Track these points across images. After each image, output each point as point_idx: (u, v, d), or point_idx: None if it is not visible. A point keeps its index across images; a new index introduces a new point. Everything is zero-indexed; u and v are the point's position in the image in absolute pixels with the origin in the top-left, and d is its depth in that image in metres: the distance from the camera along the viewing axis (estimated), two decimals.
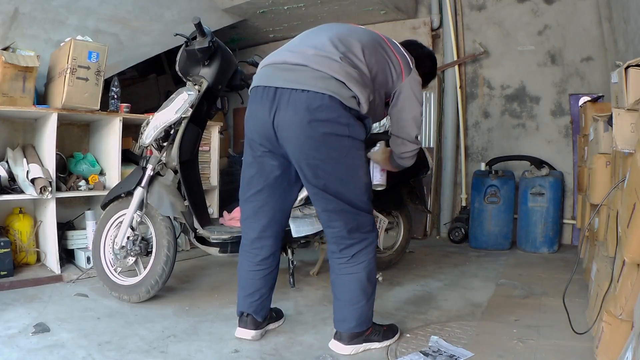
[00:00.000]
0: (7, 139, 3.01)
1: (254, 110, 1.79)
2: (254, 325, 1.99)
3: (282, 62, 1.76)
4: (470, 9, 4.30)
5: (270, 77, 1.75)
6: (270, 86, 1.72)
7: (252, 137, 1.83)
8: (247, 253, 1.97)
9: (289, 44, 1.88)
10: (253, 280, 1.96)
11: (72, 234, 3.06)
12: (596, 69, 3.82)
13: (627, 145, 1.82)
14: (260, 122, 1.75)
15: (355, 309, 1.84)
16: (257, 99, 1.77)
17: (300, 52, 1.75)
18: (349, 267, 1.82)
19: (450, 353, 1.84)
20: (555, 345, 1.90)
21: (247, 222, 1.96)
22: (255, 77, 1.83)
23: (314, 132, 1.67)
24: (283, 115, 1.69)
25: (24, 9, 3.06)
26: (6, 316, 2.17)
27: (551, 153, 4.01)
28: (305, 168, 1.74)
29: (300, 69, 1.70)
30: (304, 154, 1.71)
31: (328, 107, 1.66)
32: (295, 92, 1.67)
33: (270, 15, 4.45)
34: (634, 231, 1.40)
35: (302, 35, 1.89)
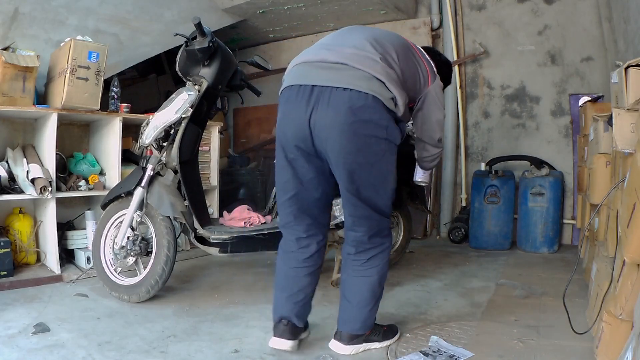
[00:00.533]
0: (7, 139, 3.01)
1: (287, 111, 1.71)
2: (292, 334, 1.83)
3: (319, 60, 1.69)
4: (470, 9, 4.30)
5: (307, 75, 1.68)
6: (307, 84, 1.65)
7: (286, 139, 1.73)
8: (292, 253, 1.85)
9: (321, 42, 1.81)
10: (297, 277, 1.84)
11: (72, 234, 3.06)
12: (596, 69, 3.82)
13: (627, 145, 1.82)
14: (296, 122, 1.67)
15: (363, 312, 1.84)
16: (291, 99, 1.69)
17: (339, 50, 1.69)
18: (363, 269, 1.81)
19: (450, 353, 1.84)
20: (555, 345, 1.90)
21: (288, 226, 1.86)
22: (288, 76, 1.76)
23: (356, 134, 1.61)
24: (322, 115, 1.61)
25: (24, 9, 3.05)
26: (6, 316, 2.17)
27: (551, 153, 4.01)
28: (342, 171, 1.68)
29: (341, 67, 1.64)
30: (342, 157, 1.65)
31: (371, 108, 1.61)
32: (337, 91, 1.60)
33: (270, 15, 4.45)
34: (634, 231, 1.40)
35: (335, 35, 1.83)
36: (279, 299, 1.86)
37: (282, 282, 1.87)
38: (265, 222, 2.68)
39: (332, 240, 2.74)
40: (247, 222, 2.63)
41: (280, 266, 1.89)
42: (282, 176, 1.81)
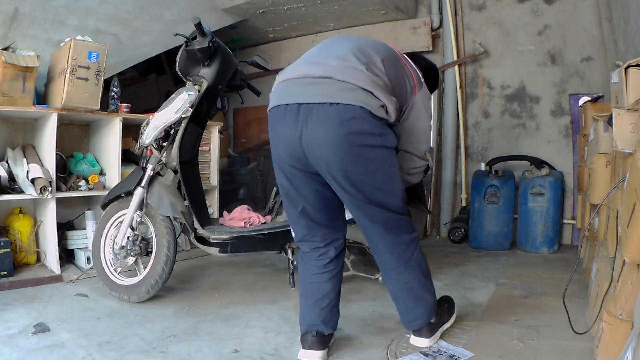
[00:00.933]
0: (7, 139, 3.01)
1: (277, 132, 1.69)
2: (321, 344, 1.79)
3: (303, 76, 1.67)
4: (470, 9, 4.30)
5: (291, 93, 1.66)
6: (293, 103, 1.63)
7: (281, 160, 1.73)
8: (312, 261, 1.84)
9: (305, 56, 1.80)
10: (321, 284, 1.82)
11: (72, 234, 3.06)
12: (596, 69, 3.81)
13: (627, 145, 1.82)
14: (287, 143, 1.66)
15: (423, 306, 1.86)
16: (278, 119, 1.68)
17: (322, 63, 1.68)
18: (408, 274, 1.81)
19: (450, 353, 1.84)
20: (555, 345, 1.90)
21: (305, 240, 1.85)
22: (274, 95, 1.73)
23: (350, 146, 1.60)
24: (313, 133, 1.59)
25: (24, 9, 3.06)
26: (6, 316, 2.17)
27: (551, 153, 4.01)
28: (344, 184, 1.66)
29: (325, 82, 1.62)
30: (341, 171, 1.63)
31: (360, 119, 1.59)
32: (323, 107, 1.58)
33: (270, 15, 4.45)
34: (634, 231, 1.40)
35: (319, 48, 1.81)
36: (305, 308, 1.84)
37: (306, 290, 1.85)
38: (265, 222, 2.68)
39: None
40: (247, 222, 2.63)
41: (303, 276, 1.87)
42: (287, 194, 1.80)
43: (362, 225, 1.80)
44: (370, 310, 2.37)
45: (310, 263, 1.85)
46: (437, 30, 4.36)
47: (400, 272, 1.81)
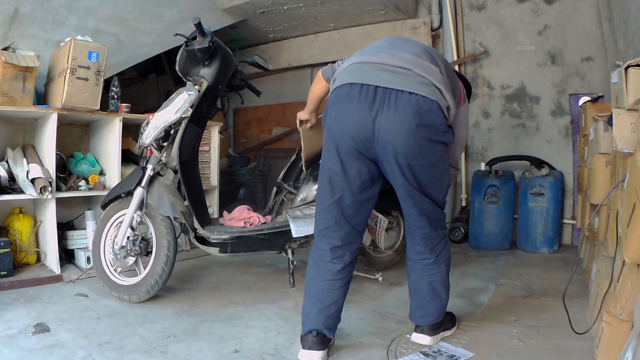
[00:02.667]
0: (7, 139, 3.01)
1: (347, 110, 1.67)
2: (322, 345, 1.79)
3: (381, 62, 1.69)
4: (470, 9, 4.30)
5: (368, 75, 1.67)
6: (370, 84, 1.64)
7: (343, 139, 1.70)
8: (326, 263, 1.80)
9: (372, 48, 1.80)
10: (331, 291, 1.80)
11: (72, 234, 3.06)
12: (596, 69, 3.82)
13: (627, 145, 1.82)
14: (358, 123, 1.65)
15: (437, 304, 1.90)
16: (352, 97, 1.66)
17: (397, 55, 1.70)
18: (435, 267, 1.86)
19: (450, 353, 1.84)
20: (555, 345, 1.90)
21: (327, 230, 1.80)
22: (344, 74, 1.73)
23: (419, 137, 1.65)
24: (389, 118, 1.62)
25: (24, 9, 3.06)
26: (6, 316, 2.17)
27: (551, 153, 4.01)
28: (406, 171, 1.70)
29: (405, 72, 1.66)
30: (407, 158, 1.67)
31: (435, 113, 1.66)
32: (402, 94, 1.62)
33: (270, 15, 4.45)
34: (634, 231, 1.40)
35: (385, 42, 1.82)
36: (310, 311, 1.82)
37: (315, 294, 1.82)
38: (265, 222, 2.68)
39: None
40: (247, 222, 2.63)
41: (313, 277, 1.84)
42: (330, 179, 1.77)
43: (408, 214, 1.84)
44: (370, 310, 2.37)
45: (325, 266, 1.81)
46: (437, 30, 4.37)
47: (429, 263, 1.86)
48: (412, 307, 1.95)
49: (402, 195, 1.80)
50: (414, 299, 1.94)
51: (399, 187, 1.77)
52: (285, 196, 2.86)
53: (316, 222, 1.86)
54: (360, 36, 4.69)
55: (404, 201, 1.81)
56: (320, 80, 2.08)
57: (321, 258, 1.82)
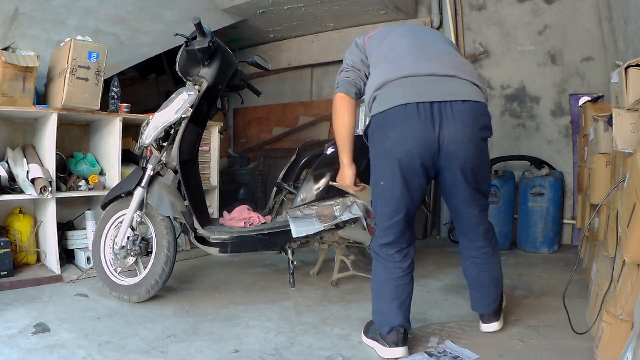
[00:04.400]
0: (7, 139, 3.01)
1: (410, 131, 1.66)
2: (405, 340, 1.84)
3: (428, 74, 1.69)
4: (470, 9, 4.30)
5: (419, 90, 1.67)
6: (425, 102, 1.64)
7: (411, 159, 1.70)
8: (397, 263, 1.83)
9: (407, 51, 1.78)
10: (405, 285, 1.85)
11: (72, 234, 3.06)
12: (596, 69, 3.81)
13: (627, 145, 1.82)
14: (423, 141, 1.67)
15: (499, 289, 2.04)
16: (412, 118, 1.65)
17: (436, 59, 1.72)
18: (494, 257, 1.98)
19: (455, 354, 1.83)
20: (555, 345, 1.90)
21: (395, 242, 1.83)
22: (392, 93, 1.69)
23: (477, 140, 1.72)
24: (451, 130, 1.65)
25: (24, 9, 3.06)
26: (6, 316, 2.17)
27: (551, 153, 4.01)
28: (469, 175, 1.76)
29: (452, 80, 1.68)
30: (470, 162, 1.73)
31: (484, 114, 1.73)
32: (456, 104, 1.65)
33: (270, 15, 4.45)
34: (634, 231, 1.40)
35: (410, 41, 1.81)
36: (389, 311, 1.84)
37: (391, 292, 1.84)
38: (265, 222, 2.68)
39: (332, 240, 2.74)
40: (247, 222, 2.63)
41: (385, 278, 1.85)
42: (396, 200, 1.77)
43: (469, 214, 1.89)
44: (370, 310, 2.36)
45: (396, 265, 1.84)
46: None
47: (489, 254, 1.96)
48: (476, 300, 2.05)
49: (463, 197, 1.84)
50: (477, 292, 2.03)
51: (461, 191, 1.81)
52: (285, 196, 2.86)
53: (380, 236, 1.85)
54: None
55: (466, 203, 1.85)
56: (348, 104, 1.89)
57: (391, 259, 1.84)
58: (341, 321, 2.21)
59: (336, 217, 2.53)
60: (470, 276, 2.02)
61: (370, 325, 1.98)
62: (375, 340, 1.90)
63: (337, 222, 2.55)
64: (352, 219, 2.55)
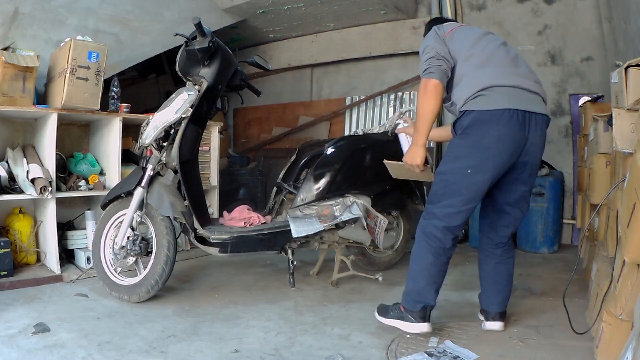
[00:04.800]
0: (7, 139, 3.01)
1: (509, 132, 1.91)
2: (430, 317, 2.04)
3: (525, 88, 1.95)
4: (470, 9, 4.30)
5: (517, 100, 1.93)
6: (520, 109, 1.91)
7: (505, 155, 1.93)
8: (448, 250, 2.00)
9: (504, 65, 2.00)
10: (445, 272, 2.05)
11: (72, 234, 3.06)
12: (596, 69, 3.81)
13: (627, 145, 1.83)
14: (517, 141, 1.93)
15: (511, 287, 2.14)
16: (513, 121, 1.91)
17: (527, 77, 1.99)
18: (510, 251, 2.13)
19: (455, 354, 1.83)
20: (555, 345, 1.90)
21: (459, 227, 2.01)
22: (499, 98, 1.92)
23: (543, 147, 2.04)
24: (534, 136, 1.95)
25: (24, 9, 3.06)
26: (6, 316, 2.17)
27: (551, 153, 4.00)
28: (533, 174, 2.05)
29: (535, 97, 1.97)
30: (536, 165, 2.06)
31: (547, 126, 2.02)
32: (537, 116, 1.95)
33: (270, 15, 4.45)
34: (634, 231, 1.40)
35: (506, 54, 2.03)
36: (426, 291, 2.00)
37: (434, 276, 2.01)
38: (265, 222, 2.68)
39: (332, 240, 2.74)
40: (247, 222, 2.63)
41: (431, 262, 2.00)
42: (477, 187, 1.96)
43: (513, 211, 2.07)
44: (370, 310, 2.36)
45: (445, 252, 2.00)
46: None
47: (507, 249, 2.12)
48: (490, 294, 2.12)
49: (517, 197, 2.05)
50: (491, 287, 2.12)
51: (518, 190, 2.04)
52: (285, 196, 2.86)
53: (449, 219, 1.99)
54: (360, 36, 4.69)
55: (517, 202, 2.06)
56: (441, 92, 1.99)
57: (444, 246, 1.99)
58: (341, 321, 2.21)
59: (336, 217, 2.53)
60: (487, 269, 2.13)
61: (387, 308, 2.12)
62: (400, 319, 2.04)
63: (337, 222, 2.55)
64: (352, 219, 2.55)
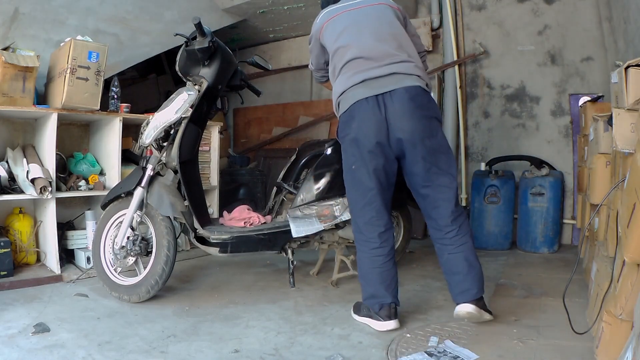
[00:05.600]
0: (7, 139, 3.01)
1: (363, 118, 2.02)
2: (396, 314, 2.08)
3: (373, 77, 2.03)
4: (470, 9, 4.30)
5: (369, 89, 2.02)
6: (371, 95, 2.01)
7: (370, 140, 2.02)
8: (378, 249, 2.06)
9: (357, 57, 2.08)
10: (390, 270, 2.09)
11: (72, 234, 3.06)
12: (596, 69, 3.81)
13: (627, 145, 1.82)
14: (375, 123, 2.03)
15: (475, 275, 2.05)
16: (365, 108, 2.02)
17: (378, 60, 2.05)
18: (459, 237, 2.05)
19: (455, 354, 1.83)
20: (555, 345, 1.90)
21: (373, 220, 2.07)
22: (355, 95, 2.04)
23: (418, 115, 2.03)
24: (392, 109, 2.01)
25: (24, 9, 3.06)
26: (6, 316, 2.17)
27: (551, 153, 4.01)
28: (420, 147, 2.02)
29: (389, 78, 2.04)
30: (417, 134, 2.02)
31: (420, 95, 2.05)
32: (395, 92, 2.01)
33: (270, 15, 4.45)
34: (634, 231, 1.40)
35: (359, 43, 2.09)
36: (378, 291, 2.07)
37: (377, 276, 2.07)
38: (265, 222, 2.68)
39: (332, 240, 2.74)
40: (247, 222, 2.63)
41: (369, 263, 2.08)
42: (370, 176, 2.06)
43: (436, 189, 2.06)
44: None
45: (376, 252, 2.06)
46: (437, 30, 4.36)
47: (455, 235, 2.05)
48: (452, 286, 2.09)
49: (422, 176, 2.07)
50: (452, 278, 2.08)
51: (419, 169, 2.06)
52: (285, 196, 2.86)
53: (359, 216, 2.09)
54: None
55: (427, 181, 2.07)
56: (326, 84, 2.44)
57: (371, 246, 2.07)
58: (341, 321, 2.21)
59: (336, 217, 2.53)
60: (443, 262, 2.12)
61: (360, 305, 2.20)
62: (368, 317, 2.11)
63: (337, 222, 2.55)
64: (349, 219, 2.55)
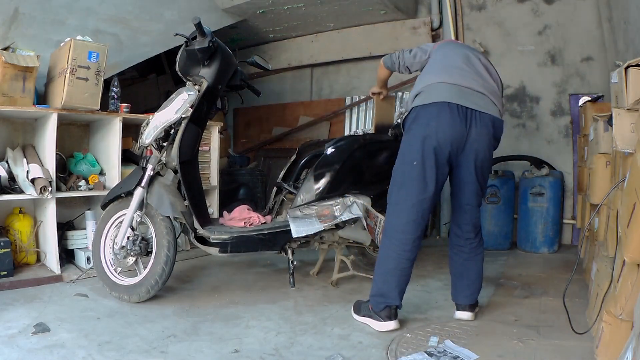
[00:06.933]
0: (7, 139, 3.01)
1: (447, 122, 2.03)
2: (396, 315, 2.12)
3: (466, 86, 2.09)
4: (470, 9, 4.30)
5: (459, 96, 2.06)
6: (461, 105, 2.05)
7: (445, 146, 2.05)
8: (408, 252, 2.08)
9: (455, 67, 2.17)
10: (408, 275, 2.12)
11: (72, 234, 3.06)
12: (596, 69, 3.81)
13: (627, 145, 1.82)
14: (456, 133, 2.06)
15: (479, 283, 2.23)
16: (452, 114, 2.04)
17: (475, 78, 2.16)
18: (479, 247, 2.21)
19: (455, 354, 1.83)
20: (555, 345, 1.90)
21: (415, 222, 2.09)
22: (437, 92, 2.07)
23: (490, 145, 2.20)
24: (475, 130, 2.08)
25: (24, 9, 3.06)
26: (6, 316, 2.17)
27: (551, 153, 4.01)
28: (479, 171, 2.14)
29: (481, 96, 2.12)
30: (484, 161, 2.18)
31: (498, 127, 2.21)
32: (482, 114, 2.10)
33: (270, 15, 4.45)
34: (634, 231, 1.40)
35: (462, 61, 2.22)
36: (391, 292, 2.09)
37: (397, 280, 2.09)
38: (265, 222, 2.68)
39: (332, 240, 2.74)
40: (247, 222, 2.63)
41: (393, 266, 2.09)
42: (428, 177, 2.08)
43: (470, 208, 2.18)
44: None
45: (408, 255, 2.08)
46: (437, 30, 4.36)
47: (474, 245, 2.20)
48: (458, 288, 2.23)
49: (469, 195, 2.16)
50: (459, 282, 2.22)
51: (470, 189, 2.15)
52: (285, 196, 2.86)
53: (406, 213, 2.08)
54: (360, 36, 4.69)
55: (470, 200, 2.16)
56: (382, 68, 2.61)
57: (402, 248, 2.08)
58: (341, 321, 2.21)
59: (336, 217, 2.53)
60: (456, 265, 2.24)
61: (360, 305, 2.22)
62: (369, 317, 2.14)
63: (337, 222, 2.55)
64: (352, 219, 2.55)
